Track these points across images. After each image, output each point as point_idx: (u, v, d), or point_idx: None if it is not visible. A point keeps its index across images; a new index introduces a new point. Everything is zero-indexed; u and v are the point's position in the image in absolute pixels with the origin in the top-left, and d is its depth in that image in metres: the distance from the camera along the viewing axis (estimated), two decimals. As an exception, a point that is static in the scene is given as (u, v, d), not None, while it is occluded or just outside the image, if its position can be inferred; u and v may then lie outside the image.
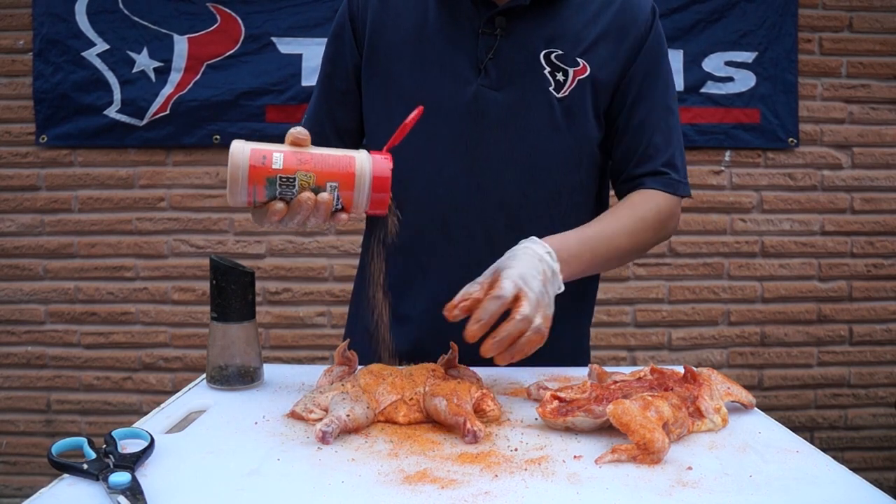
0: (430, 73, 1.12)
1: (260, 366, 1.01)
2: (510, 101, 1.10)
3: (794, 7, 2.56)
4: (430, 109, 1.11)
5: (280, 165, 0.84)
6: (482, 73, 1.10)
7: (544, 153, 1.11)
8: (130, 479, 0.66)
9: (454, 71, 1.11)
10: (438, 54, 1.12)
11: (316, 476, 0.69)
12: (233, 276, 0.96)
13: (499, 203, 1.11)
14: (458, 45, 1.11)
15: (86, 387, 2.60)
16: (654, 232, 1.13)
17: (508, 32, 1.10)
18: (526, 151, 1.11)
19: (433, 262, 1.14)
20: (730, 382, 0.89)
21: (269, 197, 0.86)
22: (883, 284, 2.67)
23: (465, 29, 1.11)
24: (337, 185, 0.86)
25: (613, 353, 2.65)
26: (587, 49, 1.11)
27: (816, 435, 2.67)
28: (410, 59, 1.13)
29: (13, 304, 2.58)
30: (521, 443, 0.78)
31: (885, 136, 2.64)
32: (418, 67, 1.12)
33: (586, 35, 1.11)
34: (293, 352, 2.61)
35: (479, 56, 1.10)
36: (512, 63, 1.10)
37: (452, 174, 1.12)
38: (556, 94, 1.10)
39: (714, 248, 2.64)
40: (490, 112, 1.10)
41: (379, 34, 1.15)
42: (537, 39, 1.10)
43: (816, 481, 0.70)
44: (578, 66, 1.10)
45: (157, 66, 2.50)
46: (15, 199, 2.56)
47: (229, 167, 0.84)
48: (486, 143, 1.11)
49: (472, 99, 1.10)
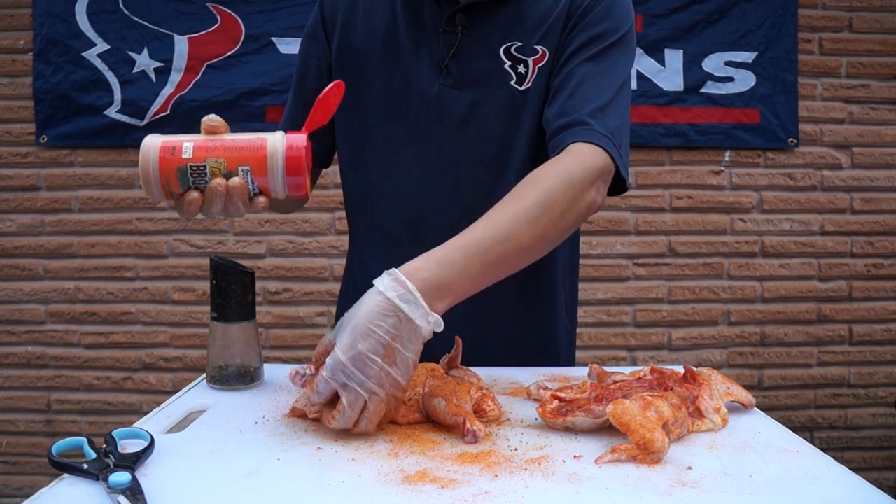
0: (397, 73, 1.10)
1: (260, 366, 1.01)
2: (472, 100, 1.08)
3: (794, 7, 2.56)
4: (399, 111, 1.11)
5: (190, 154, 0.82)
6: (444, 72, 1.08)
7: (508, 149, 1.08)
8: (130, 479, 0.66)
9: (418, 71, 1.09)
10: (405, 55, 1.10)
11: (316, 476, 0.69)
12: (233, 276, 0.96)
13: (467, 203, 1.07)
14: (421, 45, 1.09)
15: (86, 387, 2.60)
16: (563, 205, 0.90)
17: (470, 30, 1.07)
18: (490, 149, 1.08)
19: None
20: (730, 382, 0.89)
21: (184, 188, 0.83)
22: (883, 284, 2.67)
23: (429, 28, 1.09)
24: (249, 169, 0.82)
25: (613, 353, 2.65)
26: (545, 34, 1.06)
27: (816, 435, 2.67)
28: (379, 59, 1.11)
29: (13, 304, 2.59)
30: (521, 443, 0.78)
31: (885, 136, 2.64)
32: (387, 68, 1.11)
33: (545, 21, 1.07)
34: (293, 352, 2.61)
35: (440, 55, 1.08)
36: (472, 61, 1.08)
37: (420, 177, 1.10)
38: (519, 88, 1.07)
39: (714, 248, 2.64)
40: (452, 112, 1.08)
41: (348, 35, 1.14)
42: (497, 34, 1.07)
43: (816, 481, 0.70)
44: (537, 53, 1.07)
45: (157, 66, 2.50)
46: (15, 199, 2.57)
47: (140, 162, 0.81)
48: (450, 143, 1.09)
49: (435, 99, 1.08)
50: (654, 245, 2.63)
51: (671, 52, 2.55)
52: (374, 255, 1.15)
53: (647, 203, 2.59)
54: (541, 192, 0.89)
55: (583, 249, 2.60)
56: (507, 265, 0.87)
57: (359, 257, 1.20)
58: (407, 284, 0.77)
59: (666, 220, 2.61)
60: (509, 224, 0.86)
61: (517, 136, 1.08)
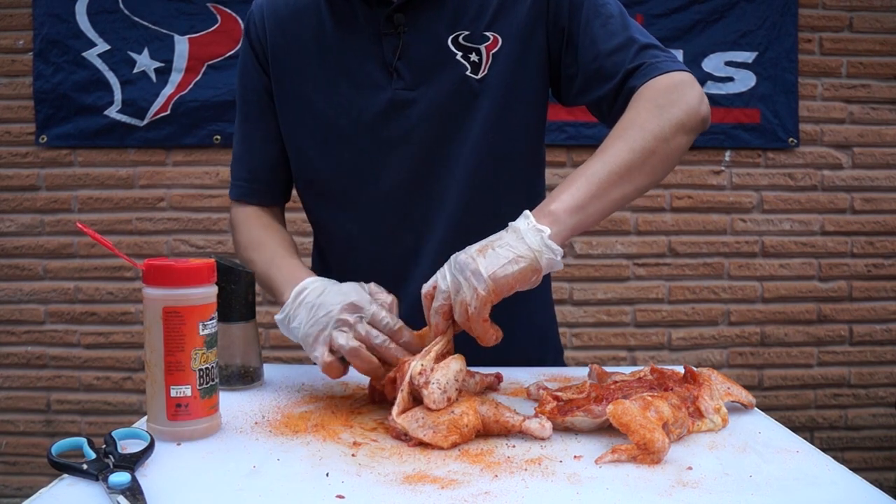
0: (340, 86, 1.07)
1: (260, 366, 1.01)
2: (429, 98, 1.05)
3: (794, 7, 2.56)
4: (349, 124, 1.07)
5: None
6: (394, 76, 1.05)
7: (475, 139, 1.06)
8: (130, 479, 0.66)
9: (364, 80, 1.06)
10: (344, 65, 1.07)
11: (316, 476, 0.69)
12: (233, 276, 0.96)
13: (441, 200, 1.07)
14: (361, 52, 1.06)
15: (86, 387, 2.60)
16: (661, 125, 0.93)
17: (410, 27, 1.04)
18: (456, 143, 1.06)
19: (400, 278, 1.08)
20: (730, 382, 0.89)
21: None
22: (883, 284, 2.67)
23: (366, 33, 1.05)
24: None
25: (613, 353, 2.65)
26: (491, 20, 1.04)
27: (816, 435, 2.67)
28: (316, 77, 1.08)
29: (13, 304, 2.59)
30: (522, 443, 0.78)
31: (885, 136, 2.64)
32: (327, 83, 1.07)
33: (487, 6, 1.04)
34: (293, 352, 2.60)
35: (386, 59, 1.05)
36: (421, 58, 1.04)
37: (390, 184, 1.08)
38: (475, 76, 1.05)
39: (714, 248, 2.64)
40: (411, 114, 1.06)
41: (280, 58, 1.11)
42: (441, 26, 1.04)
43: (816, 481, 0.70)
44: (489, 40, 1.04)
45: (157, 66, 2.50)
46: (15, 199, 2.56)
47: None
48: (413, 145, 1.06)
49: (388, 105, 1.06)
50: (655, 245, 2.63)
51: (671, 51, 2.54)
52: (357, 268, 1.08)
53: (647, 203, 2.59)
54: (631, 125, 0.94)
55: (583, 249, 2.61)
56: (621, 195, 0.92)
57: (323, 260, 1.22)
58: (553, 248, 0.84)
59: (666, 220, 2.61)
60: (611, 161, 0.91)
61: (479, 124, 1.05)
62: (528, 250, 0.83)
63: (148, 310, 0.78)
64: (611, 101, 1.03)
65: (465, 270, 0.83)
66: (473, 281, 0.82)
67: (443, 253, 0.90)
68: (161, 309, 0.77)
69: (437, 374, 0.79)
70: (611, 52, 1.01)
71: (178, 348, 0.77)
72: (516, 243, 0.84)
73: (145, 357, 0.79)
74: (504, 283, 0.82)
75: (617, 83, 1.01)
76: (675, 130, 0.95)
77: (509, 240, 0.85)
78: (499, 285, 0.82)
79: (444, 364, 0.81)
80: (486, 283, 0.81)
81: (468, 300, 0.82)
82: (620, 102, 1.00)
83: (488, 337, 0.85)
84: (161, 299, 0.77)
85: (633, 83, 0.99)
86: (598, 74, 1.02)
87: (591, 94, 1.04)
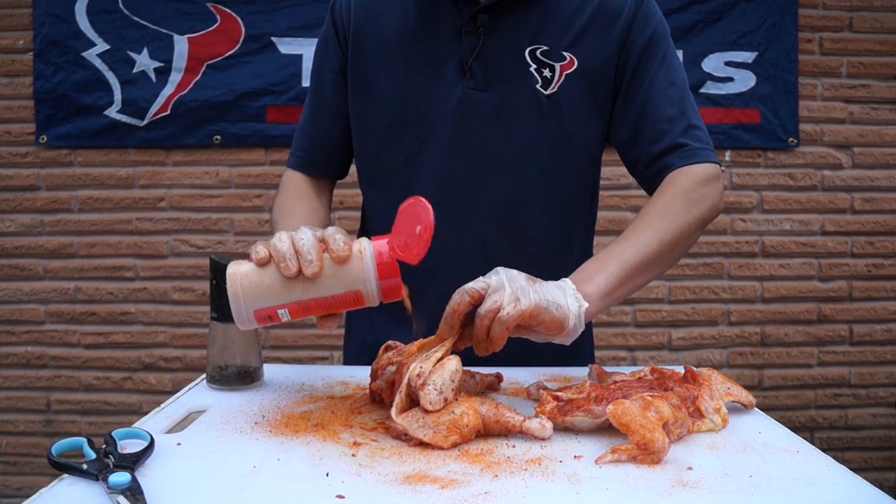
0: (415, 77, 1.09)
1: (260, 366, 1.01)
2: (496, 102, 1.07)
3: (794, 7, 2.56)
4: (416, 114, 1.09)
5: (287, 318, 0.83)
6: (467, 74, 1.07)
7: (533, 152, 1.08)
8: (130, 479, 0.66)
9: (439, 74, 1.08)
10: (422, 58, 1.09)
11: (316, 476, 0.69)
12: (233, 276, 0.96)
13: (490, 206, 1.09)
14: (441, 47, 1.08)
15: (86, 387, 2.60)
16: (688, 221, 1.03)
17: (492, 30, 1.06)
18: (514, 152, 1.08)
19: (428, 272, 1.10)
20: (730, 382, 0.89)
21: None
22: (883, 284, 2.67)
23: (448, 29, 1.08)
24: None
25: (613, 353, 2.65)
26: (573, 42, 1.07)
27: (816, 435, 2.67)
28: (393, 64, 1.10)
29: (13, 304, 2.59)
30: (522, 443, 0.78)
31: (885, 136, 2.64)
32: (402, 73, 1.10)
33: (571, 27, 1.07)
34: (293, 352, 2.61)
35: (462, 57, 1.07)
36: (497, 62, 1.07)
37: (441, 181, 1.09)
38: (544, 91, 1.07)
39: (714, 248, 2.64)
40: (476, 114, 1.07)
41: (360, 41, 1.13)
42: (521, 36, 1.07)
43: (816, 481, 0.70)
44: (565, 60, 1.07)
45: (157, 66, 2.50)
46: (15, 199, 2.57)
47: (235, 319, 0.83)
48: (473, 146, 1.08)
49: (457, 102, 1.07)
50: (654, 245, 2.62)
51: (671, 52, 2.55)
52: None
53: (647, 203, 2.59)
54: (666, 212, 1.02)
55: (583, 249, 2.60)
56: (645, 278, 1.00)
57: None
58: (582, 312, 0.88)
59: (666, 220, 2.60)
60: (645, 251, 0.99)
61: (540, 138, 1.08)
62: (567, 308, 0.86)
63: None
64: (646, 163, 1.09)
65: (514, 281, 0.84)
66: (519, 293, 0.82)
67: (478, 257, 0.94)
68: None
69: (434, 375, 0.79)
70: (665, 119, 1.07)
71: None
72: (561, 295, 0.86)
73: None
74: (538, 315, 0.83)
75: (659, 152, 1.07)
76: (698, 227, 1.05)
77: (555, 288, 0.87)
78: (534, 313, 0.82)
79: (439, 365, 0.81)
80: (530, 300, 0.82)
81: (504, 303, 0.82)
82: (654, 171, 1.08)
83: (496, 344, 0.84)
84: None
85: (672, 161, 1.06)
86: (646, 133, 1.08)
87: (634, 149, 1.10)
